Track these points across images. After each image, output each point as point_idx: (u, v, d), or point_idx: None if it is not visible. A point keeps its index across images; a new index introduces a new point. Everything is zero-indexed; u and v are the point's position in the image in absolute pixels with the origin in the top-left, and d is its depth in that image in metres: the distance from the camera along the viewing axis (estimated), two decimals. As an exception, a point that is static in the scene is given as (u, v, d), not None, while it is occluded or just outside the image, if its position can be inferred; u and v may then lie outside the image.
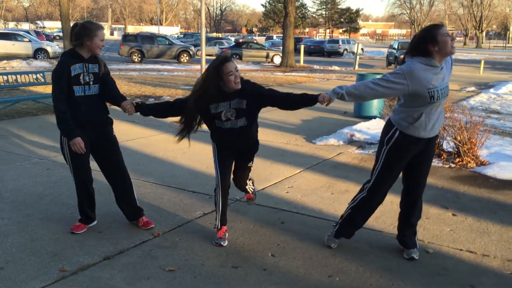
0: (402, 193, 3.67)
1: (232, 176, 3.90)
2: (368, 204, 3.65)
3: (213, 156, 3.81)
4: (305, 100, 3.58)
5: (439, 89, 3.28)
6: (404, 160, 3.49)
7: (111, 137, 3.93)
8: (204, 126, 3.80)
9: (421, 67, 3.24)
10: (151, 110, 3.90)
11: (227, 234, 3.87)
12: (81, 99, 3.69)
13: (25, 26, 68.85)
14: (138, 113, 3.82)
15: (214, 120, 3.64)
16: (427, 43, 3.23)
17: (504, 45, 71.44)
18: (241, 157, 3.87)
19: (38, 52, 24.50)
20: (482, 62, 25.13)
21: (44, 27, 70.82)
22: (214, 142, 3.79)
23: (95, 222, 4.07)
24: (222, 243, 3.76)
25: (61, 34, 27.26)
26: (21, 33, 26.43)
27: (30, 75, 9.46)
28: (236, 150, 3.78)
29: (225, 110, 3.58)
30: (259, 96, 3.60)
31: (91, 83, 3.72)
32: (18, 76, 9.23)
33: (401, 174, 3.62)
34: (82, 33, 3.65)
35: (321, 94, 3.50)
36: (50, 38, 37.71)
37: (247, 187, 4.14)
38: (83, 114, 3.71)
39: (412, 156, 3.49)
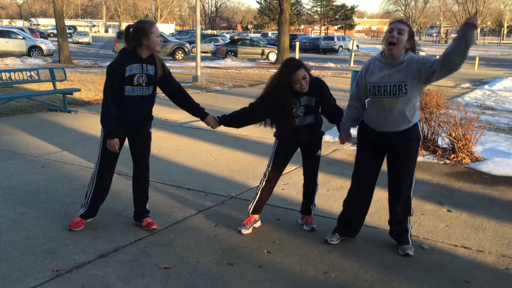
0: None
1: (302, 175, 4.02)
2: (350, 192, 3.76)
3: (272, 149, 3.96)
4: (336, 119, 3.88)
5: (376, 85, 3.36)
6: (367, 148, 3.61)
7: (146, 134, 3.94)
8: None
9: (375, 62, 3.46)
10: (232, 121, 3.95)
11: (253, 224, 3.98)
12: (130, 99, 3.68)
13: (19, 23, 68.52)
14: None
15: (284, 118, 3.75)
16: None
17: (499, 41, 71.72)
18: (306, 147, 3.93)
19: (32, 50, 24.35)
20: (477, 58, 25.22)
21: (38, 25, 70.53)
22: (277, 138, 3.93)
23: (95, 217, 4.03)
24: (242, 230, 3.92)
25: (55, 31, 27.06)
26: (15, 30, 26.24)
27: (24, 72, 9.39)
28: (298, 143, 3.91)
29: (295, 108, 3.72)
30: (321, 99, 3.80)
31: (144, 84, 3.70)
32: (12, 73, 9.17)
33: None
34: (139, 34, 3.63)
35: (341, 136, 3.82)
36: (44, 35, 37.56)
37: (313, 200, 4.08)
38: (128, 113, 3.72)
39: (384, 149, 3.57)
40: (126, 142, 3.91)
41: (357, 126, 3.70)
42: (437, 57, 3.27)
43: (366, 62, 3.58)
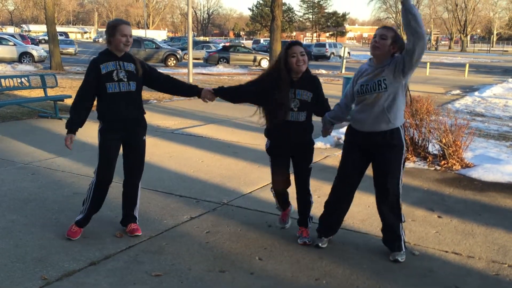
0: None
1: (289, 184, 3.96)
2: (331, 199, 3.84)
3: (270, 162, 3.90)
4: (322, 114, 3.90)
5: (362, 84, 3.53)
6: (351, 149, 3.69)
7: (140, 141, 3.91)
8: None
9: (365, 67, 3.62)
10: (228, 93, 3.94)
11: (287, 218, 4.05)
12: (116, 96, 3.70)
13: (10, 29, 68.19)
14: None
15: (278, 111, 3.67)
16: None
17: (488, 48, 72.42)
18: (297, 157, 3.85)
19: (23, 56, 24.25)
20: (467, 65, 25.44)
21: (29, 31, 70.16)
22: (268, 151, 3.87)
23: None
24: (284, 226, 4.03)
25: (46, 37, 26.96)
26: (6, 36, 26.13)
27: (14, 79, 9.34)
28: (289, 147, 3.79)
29: (290, 98, 3.63)
30: (317, 98, 3.75)
31: (125, 79, 3.71)
32: (3, 80, 9.12)
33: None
34: (107, 32, 3.72)
35: (323, 134, 3.95)
36: (35, 41, 37.33)
37: (308, 213, 4.00)
38: (117, 112, 3.73)
39: (366, 153, 3.63)
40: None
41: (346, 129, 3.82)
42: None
43: (358, 68, 3.72)
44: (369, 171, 3.70)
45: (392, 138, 3.50)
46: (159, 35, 69.98)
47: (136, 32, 64.63)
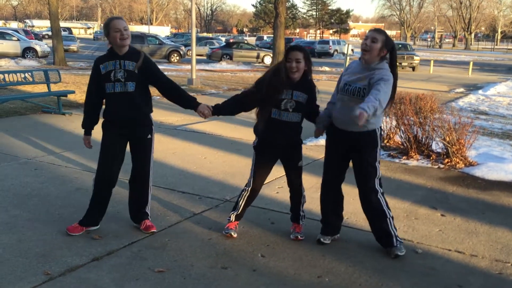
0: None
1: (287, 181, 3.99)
2: (321, 197, 3.92)
3: (252, 159, 3.90)
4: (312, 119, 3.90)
5: (345, 83, 3.56)
6: (331, 147, 3.77)
7: (144, 140, 3.88)
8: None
9: (355, 64, 3.69)
10: (227, 109, 3.89)
11: (237, 227, 3.99)
12: (114, 96, 3.69)
13: (14, 24, 68.26)
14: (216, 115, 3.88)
15: (272, 110, 3.68)
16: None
17: (493, 46, 72.20)
18: (286, 156, 3.86)
19: (27, 51, 24.25)
20: (471, 63, 25.36)
21: (33, 26, 70.18)
22: (255, 148, 3.86)
23: (96, 227, 3.99)
24: (232, 234, 3.91)
25: (50, 33, 26.97)
26: (10, 31, 26.15)
27: (18, 74, 9.36)
28: (280, 146, 3.79)
29: (286, 99, 3.64)
30: (311, 101, 3.76)
31: (123, 80, 3.67)
32: (6, 75, 9.13)
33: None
34: (104, 32, 3.71)
35: (315, 130, 3.90)
36: (39, 37, 37.31)
37: (299, 211, 3.99)
38: (114, 111, 3.73)
39: (346, 149, 3.68)
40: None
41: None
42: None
43: (350, 63, 3.77)
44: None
45: (365, 140, 3.58)
46: (162, 31, 69.91)
47: (140, 28, 64.60)
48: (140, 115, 3.83)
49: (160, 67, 3.99)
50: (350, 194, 4.30)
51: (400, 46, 28.45)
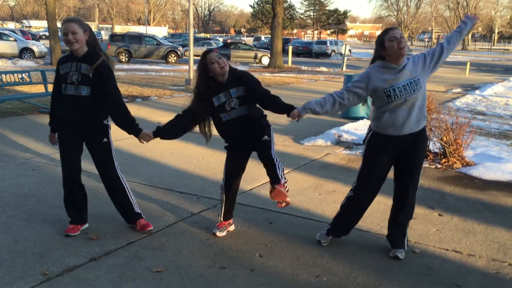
0: (393, 192, 3.71)
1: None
2: (354, 203, 3.71)
3: (226, 159, 3.90)
4: (280, 110, 3.65)
5: (397, 87, 3.36)
6: (382, 159, 3.53)
7: (99, 145, 3.81)
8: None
9: (377, 69, 3.43)
10: (169, 132, 3.74)
11: (227, 227, 4.00)
12: (66, 98, 3.68)
13: (11, 25, 68.05)
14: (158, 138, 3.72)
15: (220, 114, 3.65)
16: (378, 49, 3.44)
17: (490, 47, 72.39)
18: (257, 143, 3.69)
19: (24, 52, 24.22)
20: (468, 64, 25.41)
21: (30, 26, 70.05)
22: (226, 143, 3.85)
23: (86, 225, 4.00)
24: (217, 233, 3.92)
25: (47, 33, 26.92)
26: (7, 32, 26.08)
27: (15, 74, 9.34)
28: (248, 142, 3.73)
29: (227, 100, 3.62)
30: (250, 88, 3.67)
31: (76, 83, 3.62)
32: (3, 75, 9.11)
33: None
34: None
35: (292, 112, 3.56)
36: (36, 37, 37.26)
37: (276, 171, 3.62)
38: (67, 113, 3.71)
39: (396, 156, 3.53)
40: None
41: (369, 138, 3.59)
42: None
43: (365, 74, 3.47)
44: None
45: (424, 132, 3.57)
46: (160, 31, 69.87)
47: (137, 29, 64.63)
48: (90, 119, 3.72)
49: (158, 67, 4.01)
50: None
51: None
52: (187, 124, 3.74)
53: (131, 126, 3.71)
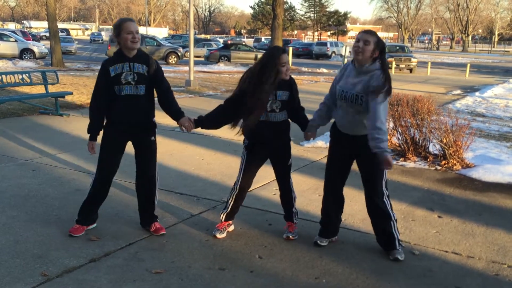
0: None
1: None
2: (323, 198, 3.89)
3: (241, 158, 3.89)
4: (301, 123, 3.92)
5: (342, 90, 3.56)
6: (335, 150, 3.76)
7: (148, 142, 3.88)
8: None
9: (350, 67, 3.64)
10: (211, 121, 3.82)
11: (227, 228, 3.99)
12: (122, 99, 3.67)
13: (11, 26, 68.06)
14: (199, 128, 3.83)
15: None
16: None
17: (490, 49, 72.37)
18: (277, 155, 3.85)
19: (24, 52, 24.22)
20: (468, 65, 25.41)
21: (30, 27, 70.08)
22: (245, 147, 3.84)
23: (95, 225, 4.00)
24: (216, 234, 3.91)
25: (47, 34, 26.93)
26: (7, 33, 26.09)
27: (16, 75, 9.34)
28: (270, 147, 3.78)
29: (271, 100, 3.64)
30: (293, 95, 3.76)
31: (134, 83, 3.65)
32: (4, 76, 9.12)
33: None
34: (114, 33, 3.68)
35: (306, 134, 3.92)
36: (36, 38, 37.29)
37: (291, 208, 3.97)
38: (122, 115, 3.71)
39: (351, 152, 3.69)
40: (128, 149, 3.90)
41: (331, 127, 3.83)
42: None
43: (344, 65, 3.75)
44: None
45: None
46: (160, 32, 69.98)
47: (137, 30, 64.21)
48: (146, 118, 3.84)
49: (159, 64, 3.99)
50: (348, 195, 4.30)
51: (397, 48, 28.56)
52: (229, 115, 3.78)
53: (178, 112, 3.87)
